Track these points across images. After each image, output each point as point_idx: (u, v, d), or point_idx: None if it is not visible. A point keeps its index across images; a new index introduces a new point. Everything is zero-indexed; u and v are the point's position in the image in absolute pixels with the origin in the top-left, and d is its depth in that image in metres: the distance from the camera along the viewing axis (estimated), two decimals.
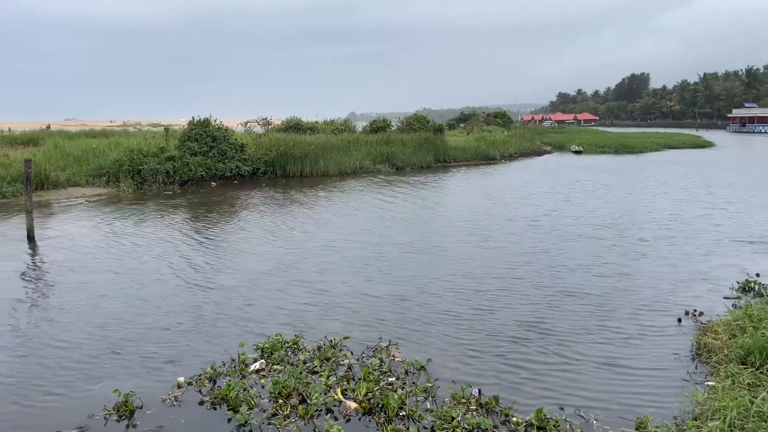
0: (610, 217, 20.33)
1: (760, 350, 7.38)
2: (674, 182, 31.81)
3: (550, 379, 7.82)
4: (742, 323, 8.64)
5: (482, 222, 19.49)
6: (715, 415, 6.09)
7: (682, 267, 13.63)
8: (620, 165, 44.14)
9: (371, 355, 8.54)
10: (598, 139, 69.86)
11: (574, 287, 11.99)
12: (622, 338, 9.23)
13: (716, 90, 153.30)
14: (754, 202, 24.11)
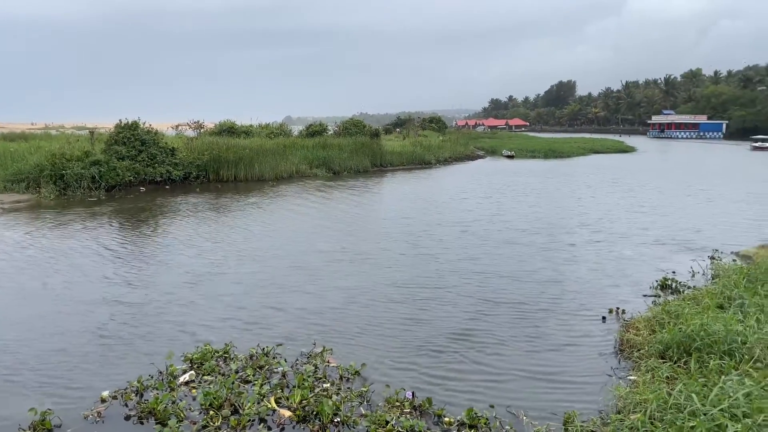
0: (539, 221, 21.01)
1: (677, 345, 7.79)
2: (600, 186, 33.23)
3: (481, 379, 7.98)
4: (660, 319, 9.10)
5: (415, 228, 19.48)
6: (636, 408, 6.37)
7: (607, 267, 14.23)
8: (550, 169, 45.72)
9: (306, 361, 8.44)
10: (529, 144, 72.17)
11: (503, 290, 12.29)
12: (550, 337, 9.53)
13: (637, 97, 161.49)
14: (673, 205, 25.52)
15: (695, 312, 8.77)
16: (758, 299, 9.25)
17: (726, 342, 7.41)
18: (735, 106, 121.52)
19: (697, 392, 5.90)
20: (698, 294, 10.57)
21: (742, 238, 17.30)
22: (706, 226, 19.57)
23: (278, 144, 40.08)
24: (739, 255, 14.96)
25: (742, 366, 6.87)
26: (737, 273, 11.31)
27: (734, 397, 5.59)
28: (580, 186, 33.11)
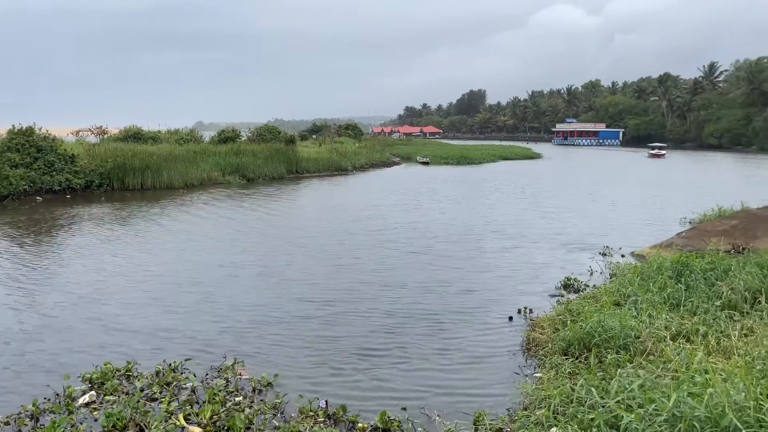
0: (454, 227, 21.56)
1: (578, 341, 8.22)
2: (511, 192, 34.59)
3: (394, 384, 8.07)
4: (563, 318, 9.57)
5: (329, 237, 19.24)
6: (542, 404, 6.64)
7: (518, 270, 14.82)
8: (463, 176, 47.05)
9: (216, 375, 8.19)
10: (442, 151, 73.98)
11: (416, 296, 12.50)
12: (461, 340, 9.78)
13: (543, 106, 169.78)
14: (579, 209, 26.97)
15: (594, 310, 9.28)
16: (650, 296, 9.93)
17: (621, 337, 7.90)
18: (630, 115, 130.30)
19: (596, 386, 6.23)
20: (597, 293, 11.22)
21: (639, 239, 18.48)
22: (607, 229, 20.80)
23: (188, 150, 38.79)
24: (634, 255, 16.02)
25: (636, 359, 7.33)
26: (632, 272, 12.09)
27: (629, 389, 5.95)
28: (492, 192, 34.29)
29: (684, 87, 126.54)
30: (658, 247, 15.65)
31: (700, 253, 12.85)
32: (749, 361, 6.66)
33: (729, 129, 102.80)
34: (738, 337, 7.87)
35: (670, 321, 8.62)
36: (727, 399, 4.91)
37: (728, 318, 8.86)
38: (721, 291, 9.89)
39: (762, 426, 4.66)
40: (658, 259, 12.57)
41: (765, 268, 10.62)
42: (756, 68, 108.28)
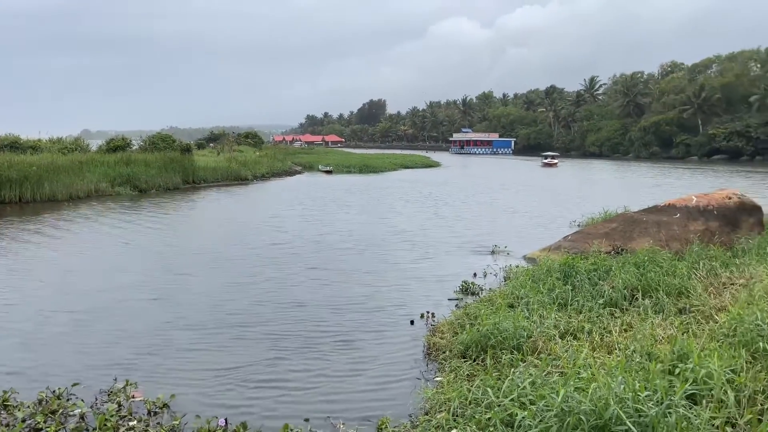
0: (358, 233, 21.69)
1: (475, 344, 8.51)
2: (414, 200, 35.30)
3: (297, 396, 7.96)
4: (462, 321, 9.87)
5: (228, 252, 18.18)
6: (442, 408, 6.81)
7: (422, 275, 15.12)
8: (366, 184, 47.47)
9: (107, 399, 7.69)
10: (345, 159, 74.37)
11: (321, 302, 12.46)
12: (365, 349, 9.83)
13: (440, 116, 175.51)
14: (478, 215, 28.00)
15: (490, 312, 9.65)
16: (540, 297, 10.48)
17: (515, 337, 8.27)
18: (521, 125, 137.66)
19: (491, 386, 6.47)
20: (493, 296, 11.68)
21: (533, 242, 19.42)
22: (504, 233, 21.65)
23: (73, 160, 36.25)
24: (526, 258, 16.87)
25: (528, 358, 7.70)
26: (524, 275, 12.72)
27: (522, 387, 6.24)
28: (396, 200, 34.82)
29: (568, 99, 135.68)
30: (547, 250, 16.57)
31: (584, 255, 13.77)
32: (628, 354, 7.20)
33: (608, 138, 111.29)
34: (618, 333, 8.49)
35: (558, 320, 9.13)
36: (609, 392, 5.27)
37: (610, 315, 9.53)
38: (603, 290, 10.63)
39: (641, 415, 5.04)
40: (548, 261, 13.32)
41: (641, 267, 11.56)
42: (631, 82, 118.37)
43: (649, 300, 9.96)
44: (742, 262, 11.86)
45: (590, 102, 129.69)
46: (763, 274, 10.25)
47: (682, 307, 9.65)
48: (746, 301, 8.57)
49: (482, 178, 58.92)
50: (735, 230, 14.89)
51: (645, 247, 13.64)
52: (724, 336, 7.38)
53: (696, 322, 8.57)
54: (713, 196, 15.93)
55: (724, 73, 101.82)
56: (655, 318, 8.99)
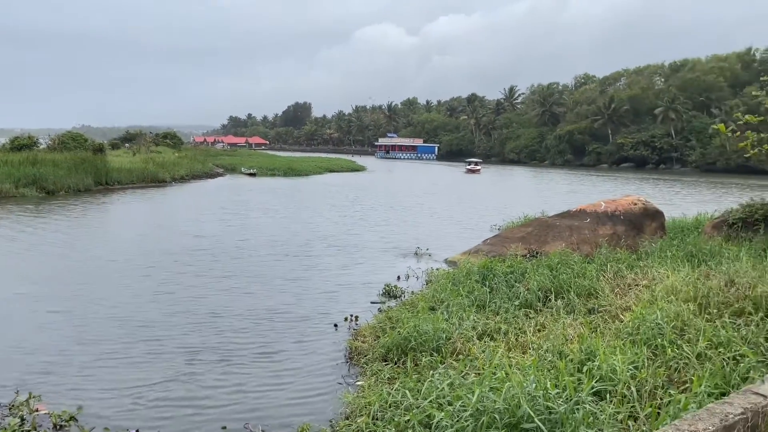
0: (283, 236, 21.38)
1: (396, 347, 8.58)
2: (339, 203, 35.20)
3: (216, 403, 7.75)
4: (383, 325, 9.94)
5: (140, 259, 17.20)
6: (362, 412, 6.82)
7: (347, 279, 15.11)
8: (291, 187, 46.92)
9: (8, 414, 7.19)
10: (269, 162, 73.20)
11: (243, 306, 12.19)
12: (287, 353, 9.71)
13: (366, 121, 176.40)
14: (403, 219, 28.29)
15: (411, 316, 9.78)
16: (460, 299, 10.73)
17: (435, 340, 8.41)
18: (444, 131, 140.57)
19: (411, 388, 6.56)
20: (415, 299, 11.85)
21: (456, 246, 19.81)
22: (428, 237, 21.98)
23: None
24: (448, 261, 17.22)
25: (447, 359, 7.86)
26: (445, 278, 12.98)
27: (440, 388, 6.35)
28: (322, 204, 34.57)
29: (489, 107, 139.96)
30: (467, 253, 16.98)
31: (502, 258, 14.23)
32: (541, 354, 7.49)
33: (526, 146, 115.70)
34: (532, 333, 8.81)
35: (477, 322, 9.37)
36: (521, 390, 5.45)
37: (525, 316, 9.88)
38: (519, 292, 11.01)
39: (551, 412, 5.24)
40: (468, 264, 13.65)
41: (554, 270, 12.06)
42: (547, 92, 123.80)
43: (561, 301, 10.40)
44: (646, 264, 12.60)
45: (509, 110, 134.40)
46: (663, 276, 10.94)
47: (591, 307, 10.13)
48: (648, 301, 9.12)
49: (408, 182, 59.66)
50: (639, 234, 15.84)
51: (558, 250, 14.24)
52: (628, 334, 7.81)
53: (603, 322, 9.02)
54: (620, 202, 16.88)
55: (631, 86, 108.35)
56: (566, 318, 9.39)
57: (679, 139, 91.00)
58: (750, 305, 8.03)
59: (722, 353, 6.52)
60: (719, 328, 7.21)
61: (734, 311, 8.07)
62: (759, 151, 15.46)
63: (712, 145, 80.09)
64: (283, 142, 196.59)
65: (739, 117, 16.44)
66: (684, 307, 8.11)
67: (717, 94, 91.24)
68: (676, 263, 11.76)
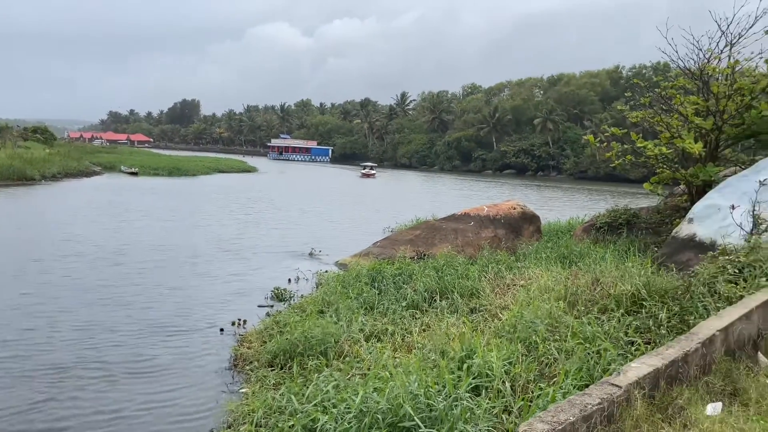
0: (166, 243, 20.30)
1: (283, 352, 8.45)
2: (229, 205, 34.08)
3: (89, 419, 7.22)
4: (271, 330, 9.75)
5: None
6: (245, 419, 6.64)
7: (237, 282, 14.69)
8: (177, 188, 44.82)
9: None
10: (153, 161, 69.49)
11: (116, 321, 11.45)
12: (167, 363, 9.25)
13: (258, 121, 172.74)
14: (296, 221, 27.93)
15: (300, 319, 9.68)
16: (349, 302, 10.77)
17: (322, 343, 8.38)
18: (338, 134, 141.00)
19: (296, 393, 6.48)
20: (304, 302, 11.74)
21: (348, 249, 19.82)
22: (321, 240, 21.81)
23: None
24: (338, 264, 17.25)
25: (334, 362, 7.85)
26: (335, 280, 12.98)
27: (325, 391, 6.33)
28: (210, 206, 33.29)
29: (382, 112, 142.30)
30: (358, 256, 17.12)
31: (391, 260, 14.47)
32: (425, 353, 7.68)
33: (417, 151, 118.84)
34: (418, 333, 9.03)
35: (365, 323, 9.45)
36: (404, 390, 5.56)
37: (411, 316, 10.11)
38: (406, 293, 11.26)
39: (432, 409, 5.39)
40: (357, 267, 13.76)
41: (439, 271, 12.46)
42: (437, 99, 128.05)
43: (446, 301, 10.76)
44: (523, 265, 13.36)
45: (401, 116, 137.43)
46: (538, 276, 11.65)
47: (473, 306, 10.56)
48: (524, 300, 9.66)
49: (302, 185, 59.09)
50: (518, 237, 16.78)
51: (444, 252, 14.73)
52: (506, 332, 8.23)
53: (484, 321, 9.44)
54: (501, 206, 17.80)
55: (514, 97, 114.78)
56: (450, 318, 9.72)
57: (556, 148, 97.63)
58: (612, 302, 8.73)
59: (588, 348, 7.03)
60: (586, 324, 7.77)
61: (599, 308, 8.73)
62: (623, 161, 16.93)
63: (585, 154, 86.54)
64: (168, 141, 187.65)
65: (606, 129, 17.91)
66: (556, 305, 8.67)
67: (589, 107, 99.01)
68: (549, 264, 12.56)
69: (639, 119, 16.62)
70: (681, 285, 7.93)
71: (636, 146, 15.67)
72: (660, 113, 15.99)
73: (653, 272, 9.10)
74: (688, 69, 15.36)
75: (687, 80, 15.86)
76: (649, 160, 15.55)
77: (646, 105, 17.09)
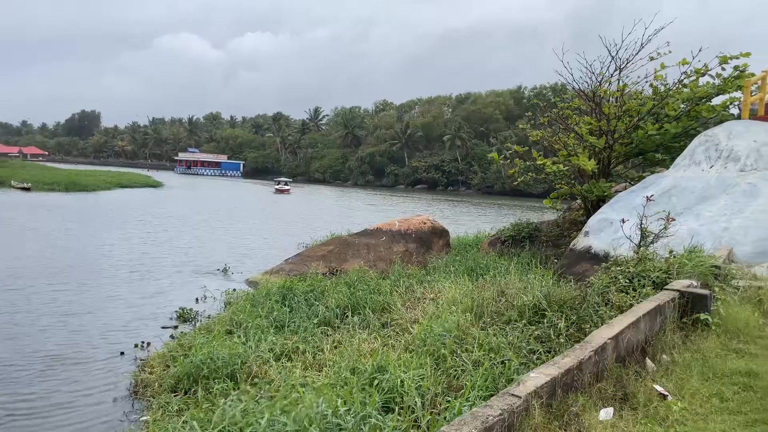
0: (62, 264, 18.94)
1: (187, 376, 8.10)
2: (132, 222, 32.37)
3: None
4: (175, 353, 9.32)
5: None
6: None
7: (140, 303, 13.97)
8: (74, 204, 42.13)
9: None
10: (48, 175, 65.03)
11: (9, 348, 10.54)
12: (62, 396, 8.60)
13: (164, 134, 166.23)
14: (205, 238, 26.95)
15: (206, 341, 9.32)
16: (259, 321, 10.51)
17: (229, 365, 8.11)
18: (249, 148, 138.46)
19: (200, 419, 6.21)
20: (211, 323, 11.34)
21: (260, 266, 19.39)
22: (232, 257, 21.17)
23: None
24: (249, 282, 16.83)
25: (242, 385, 7.61)
26: (244, 299, 12.65)
27: (232, 415, 6.11)
28: (113, 223, 31.47)
29: (294, 126, 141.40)
30: (269, 273, 16.80)
31: (303, 277, 14.31)
32: (336, 371, 7.62)
33: (331, 166, 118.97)
34: (329, 350, 8.96)
35: (275, 343, 9.25)
36: (313, 410, 5.48)
37: (323, 334, 10.02)
38: (318, 310, 11.15)
39: (341, 429, 5.34)
40: (268, 284, 13.48)
41: (351, 287, 12.46)
42: (350, 115, 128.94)
43: (358, 317, 10.75)
44: (433, 278, 13.64)
45: (315, 131, 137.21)
46: (447, 289, 11.92)
47: (385, 321, 10.63)
48: (434, 314, 9.84)
49: (213, 200, 57.24)
50: (428, 251, 17.12)
51: (356, 268, 14.76)
52: (416, 346, 8.33)
53: (395, 335, 9.51)
54: (412, 221, 18.11)
55: (424, 114, 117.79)
56: (362, 333, 9.72)
57: (465, 164, 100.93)
58: (516, 313, 9.07)
59: (493, 358, 7.25)
60: (491, 335, 8.02)
61: (504, 319, 9.04)
62: (525, 177, 17.77)
63: (491, 170, 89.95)
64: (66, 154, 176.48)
65: (509, 147, 18.75)
66: (463, 318, 8.89)
67: (494, 125, 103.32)
68: (458, 277, 12.88)
69: (539, 137, 17.53)
70: (578, 295, 8.36)
71: (537, 163, 16.52)
72: (558, 132, 16.96)
73: (553, 283, 9.54)
74: (582, 91, 16.39)
75: (582, 101, 16.94)
76: (549, 176, 16.41)
77: (545, 124, 18.09)
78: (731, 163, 12.10)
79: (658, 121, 15.63)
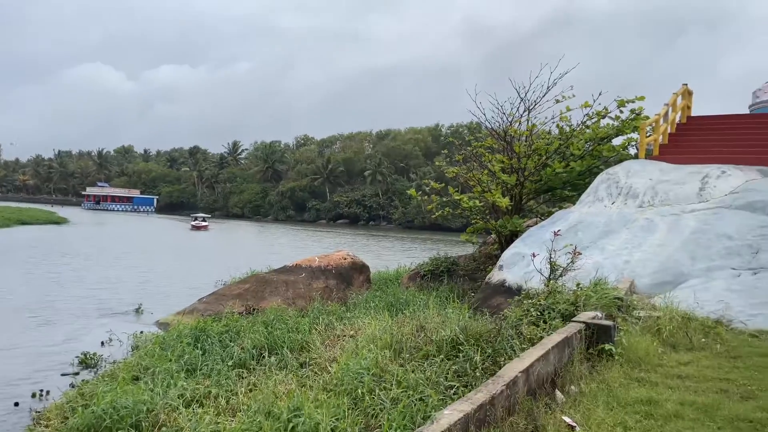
0: None
1: (88, 427, 7.52)
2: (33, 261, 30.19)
3: None
4: (74, 403, 8.66)
5: None
6: None
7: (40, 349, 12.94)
8: None
9: None
10: None
11: None
12: None
13: (71, 168, 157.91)
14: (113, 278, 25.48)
15: (109, 389, 8.72)
16: (168, 365, 9.98)
17: (134, 414, 7.61)
18: (164, 182, 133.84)
19: None
20: (116, 368, 10.66)
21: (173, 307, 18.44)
22: (142, 298, 19.93)
23: None
24: (159, 323, 16.03)
25: None
26: (153, 342, 12.00)
27: None
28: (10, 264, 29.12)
29: (212, 161, 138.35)
30: (181, 313, 16.08)
31: (218, 317, 13.79)
32: (250, 415, 7.32)
33: (250, 200, 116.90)
34: (244, 394, 8.61)
35: (185, 388, 8.78)
36: None
37: (238, 376, 9.63)
38: (233, 351, 10.74)
39: None
40: (179, 326, 12.88)
41: (269, 326, 12.12)
42: (270, 150, 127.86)
43: (275, 357, 10.45)
44: (353, 315, 13.53)
45: (233, 165, 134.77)
46: (367, 325, 11.85)
47: (303, 361, 10.38)
48: (352, 351, 9.72)
49: (124, 238, 54.49)
50: (349, 287, 17.03)
51: (274, 306, 14.42)
52: (334, 386, 8.17)
53: (314, 375, 9.29)
54: (332, 256, 18.00)
55: (345, 150, 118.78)
56: (278, 374, 9.43)
57: (385, 199, 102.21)
58: (434, 348, 9.12)
59: (411, 395, 7.22)
60: (410, 371, 8.00)
61: (423, 354, 9.06)
62: (442, 212, 18.19)
63: (411, 205, 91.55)
64: None
65: (427, 183, 19.17)
66: (382, 354, 8.83)
67: (414, 161, 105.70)
68: (378, 313, 12.84)
69: (455, 174, 18.06)
70: (493, 328, 8.54)
71: (454, 199, 16.98)
72: (473, 169, 17.56)
73: (470, 317, 9.71)
74: (494, 130, 17.13)
75: (494, 140, 17.68)
76: (465, 211, 16.90)
77: (461, 161, 18.68)
78: (631, 200, 12.93)
79: (564, 160, 16.54)
